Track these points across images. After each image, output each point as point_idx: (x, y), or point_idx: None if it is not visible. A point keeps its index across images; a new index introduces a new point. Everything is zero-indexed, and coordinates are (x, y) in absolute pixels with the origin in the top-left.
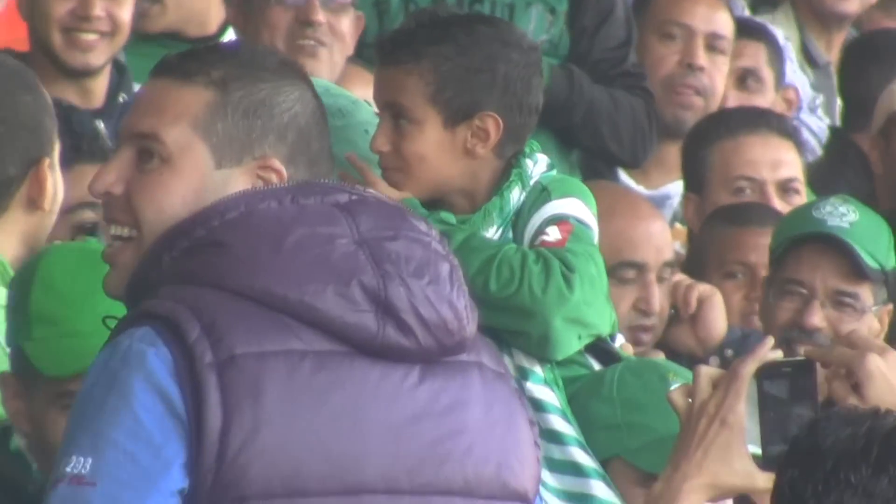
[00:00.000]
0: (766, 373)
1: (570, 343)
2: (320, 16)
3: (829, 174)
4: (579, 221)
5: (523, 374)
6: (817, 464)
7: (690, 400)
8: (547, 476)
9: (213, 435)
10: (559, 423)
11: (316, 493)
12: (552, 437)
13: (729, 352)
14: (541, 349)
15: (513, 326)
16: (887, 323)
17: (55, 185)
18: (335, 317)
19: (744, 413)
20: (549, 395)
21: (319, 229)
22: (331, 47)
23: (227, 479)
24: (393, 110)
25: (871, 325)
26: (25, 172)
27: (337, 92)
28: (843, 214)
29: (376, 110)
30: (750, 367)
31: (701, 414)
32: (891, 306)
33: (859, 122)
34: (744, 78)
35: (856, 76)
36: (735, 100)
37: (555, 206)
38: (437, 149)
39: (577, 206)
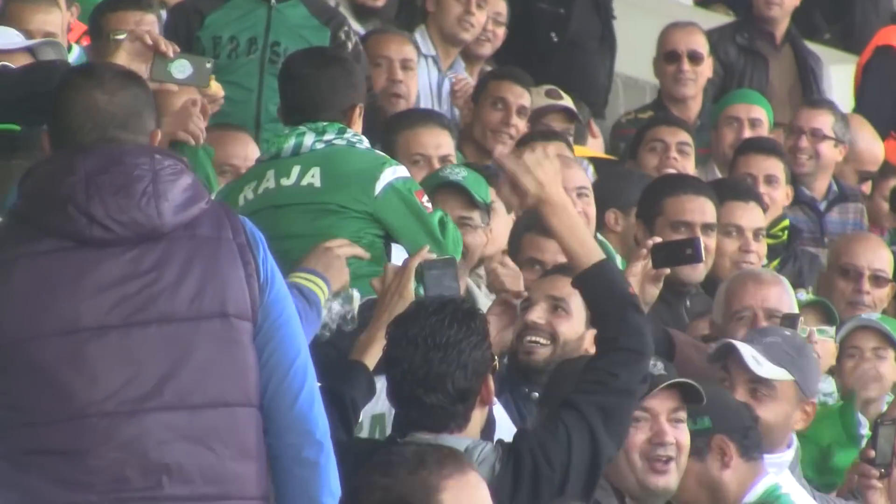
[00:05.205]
0: (426, 264)
1: None
2: None
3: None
4: None
5: None
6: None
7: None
8: None
9: None
10: None
11: (47, 335)
12: None
13: None
14: None
15: None
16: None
17: None
18: (60, 226)
19: (412, 290)
20: None
21: (57, 174)
22: None
23: None
24: None
25: (482, 238)
26: None
27: None
28: (458, 172)
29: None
30: (414, 263)
31: (387, 291)
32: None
33: None
34: None
35: None
36: None
37: None
38: None
39: None
